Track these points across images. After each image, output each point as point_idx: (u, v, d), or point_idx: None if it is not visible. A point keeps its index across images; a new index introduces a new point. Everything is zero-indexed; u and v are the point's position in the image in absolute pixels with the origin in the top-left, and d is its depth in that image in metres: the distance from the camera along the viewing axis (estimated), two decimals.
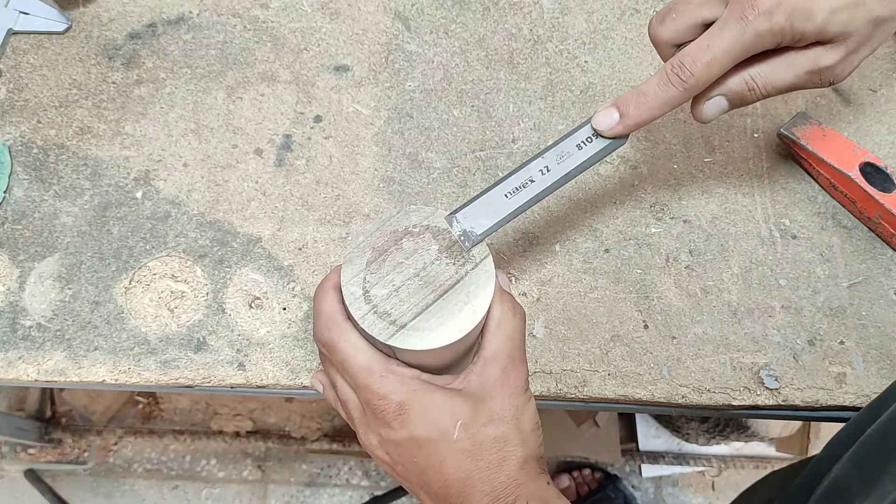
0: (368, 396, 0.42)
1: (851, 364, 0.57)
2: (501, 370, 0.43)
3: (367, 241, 0.42)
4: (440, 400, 0.43)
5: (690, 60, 0.44)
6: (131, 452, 1.43)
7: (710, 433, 1.29)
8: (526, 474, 0.42)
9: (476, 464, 0.42)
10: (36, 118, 0.63)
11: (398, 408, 0.42)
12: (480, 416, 0.43)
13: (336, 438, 1.42)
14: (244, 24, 0.67)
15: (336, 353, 0.43)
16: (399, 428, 0.42)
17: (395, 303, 0.41)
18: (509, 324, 0.44)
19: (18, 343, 0.56)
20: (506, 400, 0.43)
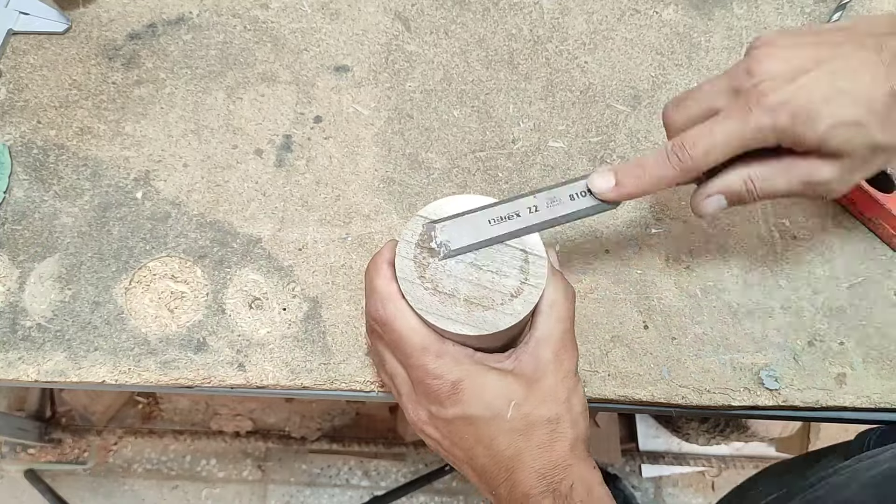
0: (422, 376, 0.44)
1: (851, 365, 0.57)
2: (554, 352, 0.45)
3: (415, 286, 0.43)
4: (494, 381, 0.44)
5: (691, 143, 0.44)
6: (131, 452, 1.43)
7: (710, 433, 1.29)
8: (575, 456, 0.44)
9: (527, 442, 0.43)
10: (36, 118, 0.63)
11: (452, 387, 0.43)
12: (533, 397, 0.44)
13: (336, 438, 1.42)
14: (244, 25, 0.67)
15: (391, 332, 0.44)
16: (451, 406, 0.43)
17: (490, 295, 0.43)
18: (562, 306, 0.45)
19: (18, 343, 0.56)
20: (558, 382, 0.45)
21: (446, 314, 0.42)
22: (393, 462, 1.43)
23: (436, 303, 0.42)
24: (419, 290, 0.43)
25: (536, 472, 0.43)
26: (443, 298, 0.43)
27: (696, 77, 0.66)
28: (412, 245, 0.43)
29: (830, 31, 0.45)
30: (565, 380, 0.45)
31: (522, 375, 0.44)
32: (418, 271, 0.43)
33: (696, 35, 0.67)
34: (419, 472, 1.42)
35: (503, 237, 0.45)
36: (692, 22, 0.68)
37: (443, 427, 0.45)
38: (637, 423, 1.41)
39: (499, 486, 0.44)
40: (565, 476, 0.43)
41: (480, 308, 0.43)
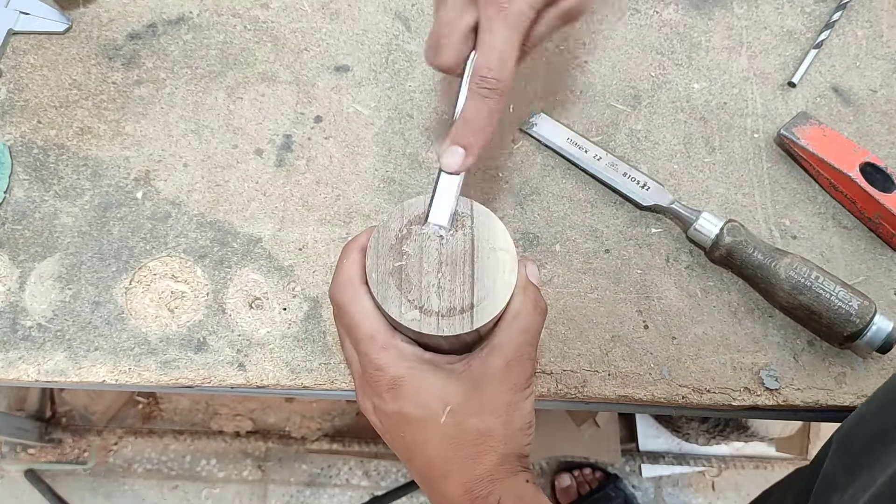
0: (366, 364, 0.43)
1: (851, 364, 0.57)
2: (505, 362, 0.43)
3: (380, 274, 0.43)
4: (434, 382, 0.43)
5: (486, 68, 0.44)
6: (131, 452, 1.43)
7: (710, 433, 1.29)
8: (504, 471, 0.43)
9: (456, 452, 0.43)
10: (36, 118, 0.63)
11: (392, 381, 0.43)
12: (471, 405, 0.43)
13: (336, 438, 1.42)
14: (244, 25, 0.67)
15: (345, 316, 0.44)
16: (390, 401, 0.43)
17: (449, 297, 0.42)
18: (527, 318, 0.44)
19: (19, 343, 0.56)
20: (502, 394, 0.43)
21: (468, 320, 0.42)
22: (393, 462, 1.43)
23: (397, 294, 0.42)
24: (432, 322, 0.42)
25: (462, 484, 0.42)
26: (405, 292, 0.42)
27: (695, 76, 0.66)
28: (394, 298, 0.42)
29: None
30: (510, 392, 0.43)
31: (468, 381, 0.43)
32: (419, 311, 0.42)
33: (696, 35, 0.67)
34: None
35: None
36: (692, 22, 0.68)
37: (384, 420, 0.44)
38: (637, 422, 1.41)
39: (431, 491, 0.44)
40: (492, 490, 0.42)
41: (484, 290, 0.42)
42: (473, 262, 0.43)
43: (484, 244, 0.43)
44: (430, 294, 0.42)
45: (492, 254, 0.43)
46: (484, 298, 0.42)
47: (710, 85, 0.66)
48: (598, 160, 0.61)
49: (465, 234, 0.44)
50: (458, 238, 0.44)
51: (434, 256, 0.43)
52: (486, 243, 0.43)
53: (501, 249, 0.43)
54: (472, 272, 0.43)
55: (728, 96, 0.65)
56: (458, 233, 0.44)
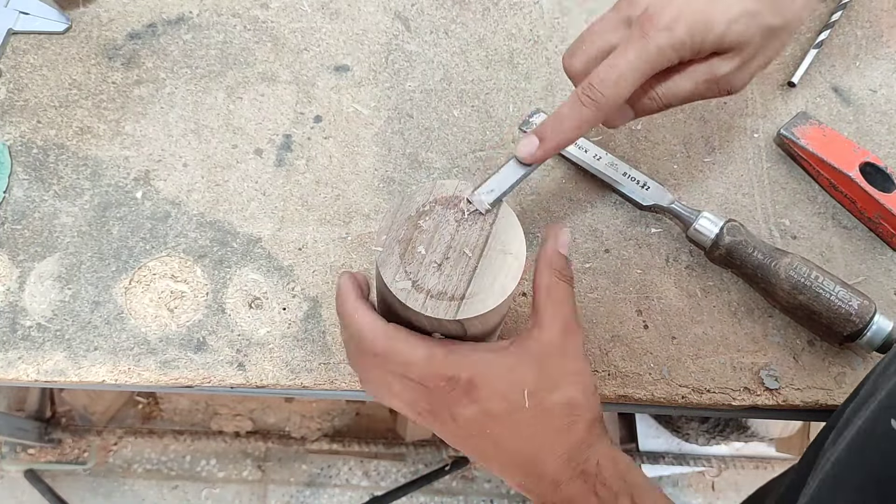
0: (436, 382, 0.43)
1: (851, 364, 0.57)
2: (559, 335, 0.44)
3: (390, 238, 0.43)
4: (504, 370, 0.43)
5: (599, 80, 0.45)
6: (131, 452, 1.43)
7: (710, 433, 1.29)
8: (594, 435, 0.44)
9: (547, 430, 0.43)
10: (36, 118, 0.63)
11: (467, 386, 0.43)
12: (545, 382, 0.43)
13: (336, 438, 1.42)
14: (244, 25, 0.67)
15: (395, 357, 0.43)
16: (470, 404, 0.43)
17: (443, 280, 0.42)
18: (559, 289, 0.45)
19: (18, 343, 0.56)
20: (567, 364, 0.44)
21: (455, 308, 0.42)
22: (393, 462, 1.43)
23: (441, 303, 0.42)
24: (420, 298, 0.42)
25: (560, 457, 0.42)
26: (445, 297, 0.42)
27: None
28: (394, 264, 0.43)
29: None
30: (574, 361, 0.44)
31: (531, 361, 0.44)
32: (411, 283, 0.42)
33: None
34: (419, 472, 1.42)
35: None
36: None
37: (466, 427, 0.44)
38: (637, 423, 1.41)
39: (526, 477, 0.44)
40: (589, 455, 0.42)
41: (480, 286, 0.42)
42: (481, 257, 0.43)
43: (497, 244, 0.44)
44: (428, 272, 0.43)
45: (501, 256, 0.43)
46: (476, 294, 0.42)
47: None
48: (598, 160, 0.61)
49: (482, 229, 0.44)
50: (475, 230, 0.44)
51: (445, 239, 0.43)
52: (500, 244, 0.44)
53: (512, 255, 0.43)
54: (475, 266, 0.43)
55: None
56: (476, 225, 0.44)
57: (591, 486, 0.41)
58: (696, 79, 0.47)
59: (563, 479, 0.42)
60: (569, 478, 0.42)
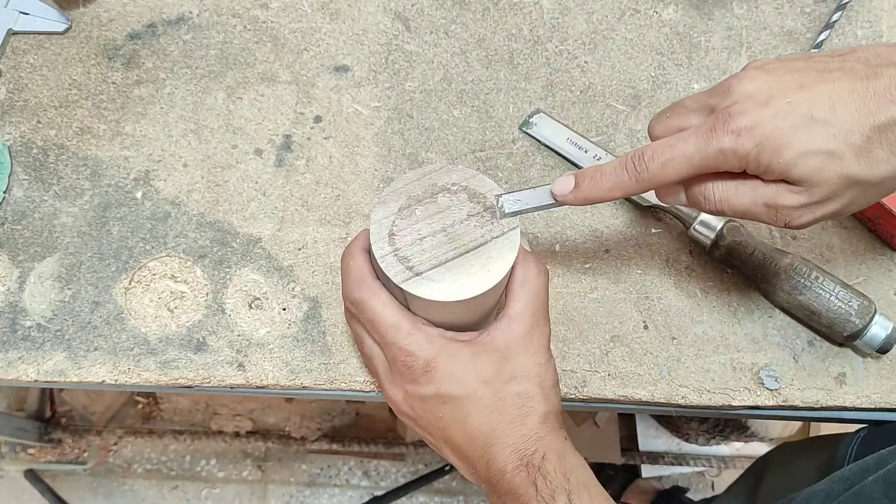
0: (396, 353, 0.44)
1: (851, 364, 0.57)
2: (526, 329, 0.45)
3: (404, 188, 0.44)
4: (466, 357, 0.44)
5: (650, 155, 0.43)
6: (131, 452, 1.43)
7: (709, 433, 1.29)
8: (546, 428, 0.45)
9: (500, 418, 0.44)
10: (36, 118, 0.63)
11: (425, 365, 0.44)
12: (504, 373, 0.45)
13: (336, 438, 1.42)
14: (244, 25, 0.67)
15: (365, 311, 0.45)
16: (426, 384, 0.44)
17: (416, 251, 0.43)
18: (533, 283, 0.46)
19: (18, 343, 0.56)
20: (529, 357, 0.45)
21: (405, 277, 0.43)
22: (393, 462, 1.43)
23: (398, 265, 0.43)
24: (386, 249, 0.43)
25: (510, 447, 0.43)
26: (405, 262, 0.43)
27: (695, 77, 0.66)
28: (389, 209, 0.44)
29: (825, 56, 0.43)
30: (536, 355, 0.46)
31: (494, 351, 0.45)
32: (389, 233, 0.44)
33: (696, 35, 0.67)
34: (419, 472, 1.42)
35: None
36: (692, 22, 0.68)
37: (418, 406, 0.45)
38: (637, 423, 1.41)
39: (475, 463, 0.45)
40: (537, 448, 0.43)
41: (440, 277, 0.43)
42: (461, 256, 0.43)
43: (484, 255, 0.44)
44: (410, 235, 0.44)
45: (478, 267, 0.43)
46: (433, 280, 0.43)
47: (710, 85, 0.66)
48: (598, 160, 0.61)
49: (482, 236, 0.44)
50: (477, 232, 0.44)
51: (447, 221, 0.44)
52: (486, 257, 0.44)
53: (489, 272, 0.43)
54: (450, 259, 0.43)
55: None
56: (481, 228, 0.44)
57: (533, 478, 0.42)
58: (757, 198, 0.43)
59: (509, 469, 0.43)
60: (514, 467, 0.43)
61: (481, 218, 0.44)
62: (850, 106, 0.39)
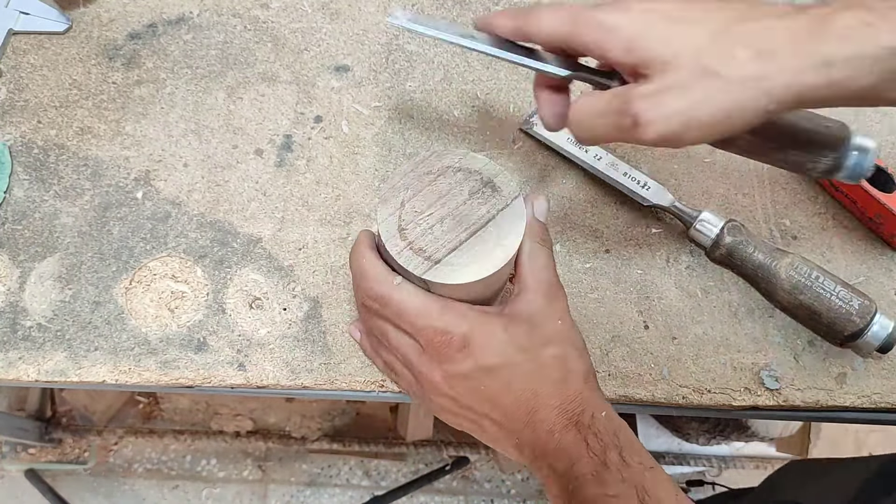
0: (430, 336, 0.44)
1: (851, 364, 0.57)
2: (545, 297, 0.46)
3: (402, 182, 0.45)
4: (499, 328, 0.45)
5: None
6: (131, 452, 1.43)
7: (710, 433, 1.29)
8: (589, 388, 0.45)
9: (542, 381, 0.44)
10: (36, 118, 0.63)
11: (462, 340, 0.44)
12: (537, 340, 0.45)
13: (336, 438, 1.42)
14: (244, 25, 0.67)
15: (391, 304, 0.45)
16: (464, 360, 0.44)
17: (429, 240, 0.44)
18: (541, 254, 0.46)
19: (18, 343, 0.56)
20: (556, 323, 0.46)
21: (426, 267, 0.43)
22: (393, 462, 1.43)
23: (415, 258, 0.43)
24: (399, 245, 0.44)
25: (556, 408, 0.44)
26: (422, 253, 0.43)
27: None
28: (392, 206, 0.44)
29: None
30: (561, 320, 0.46)
31: (523, 322, 0.45)
32: (398, 228, 0.44)
33: None
34: (419, 472, 1.42)
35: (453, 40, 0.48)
36: None
37: (459, 384, 0.45)
38: (637, 422, 1.41)
39: (521, 429, 0.45)
40: (584, 408, 0.44)
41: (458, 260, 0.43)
42: (473, 235, 0.44)
43: (494, 231, 0.44)
44: (419, 226, 0.44)
45: (492, 244, 0.44)
46: (451, 265, 0.43)
47: None
48: (599, 160, 0.61)
49: (488, 211, 0.45)
50: (482, 209, 0.45)
51: (451, 205, 0.45)
52: (497, 232, 0.44)
53: (501, 247, 0.44)
54: (463, 240, 0.44)
55: None
56: (485, 204, 0.45)
57: (584, 436, 0.43)
58: (610, 101, 0.41)
59: (558, 429, 0.43)
60: (563, 426, 0.43)
61: (483, 195, 0.45)
62: (719, 15, 0.39)
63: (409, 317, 0.45)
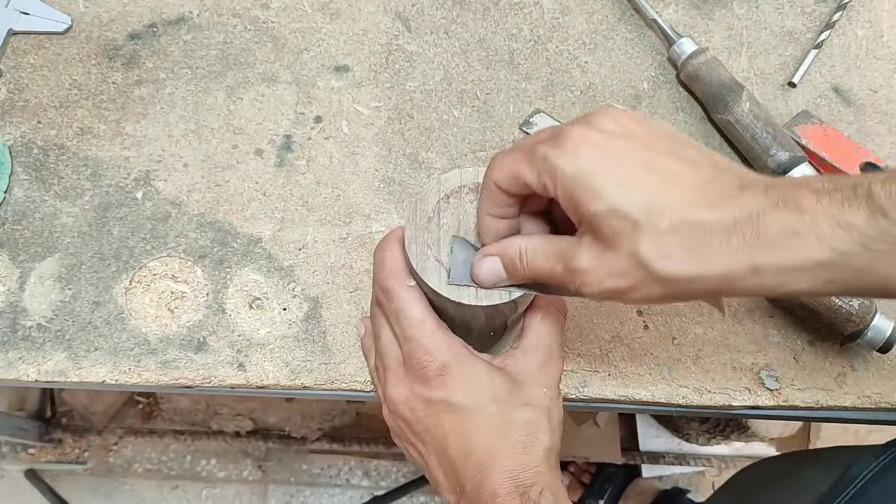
0: (414, 349, 0.43)
1: (851, 364, 0.57)
2: (541, 361, 0.45)
3: (419, 245, 0.43)
4: (482, 372, 0.44)
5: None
6: (131, 452, 1.43)
7: (710, 433, 1.29)
8: (548, 465, 0.43)
9: (504, 441, 0.43)
10: (36, 118, 0.63)
11: (441, 368, 0.43)
12: (516, 398, 0.44)
13: (336, 438, 1.42)
14: (244, 25, 0.67)
15: (394, 300, 0.44)
16: (436, 388, 0.43)
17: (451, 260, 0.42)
18: (553, 319, 0.46)
19: (19, 343, 0.56)
20: (541, 389, 0.45)
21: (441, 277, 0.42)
22: (393, 462, 1.43)
23: (436, 265, 0.42)
24: (424, 248, 0.42)
25: (509, 472, 0.42)
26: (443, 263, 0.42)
27: None
28: (427, 205, 0.43)
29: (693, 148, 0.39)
30: (548, 389, 0.45)
31: (509, 376, 0.44)
32: (430, 232, 0.43)
33: (696, 35, 0.67)
34: (419, 472, 1.42)
35: None
36: (692, 22, 0.68)
37: (421, 409, 0.44)
38: (637, 422, 1.41)
39: (465, 481, 0.43)
40: (536, 481, 0.42)
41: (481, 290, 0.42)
42: None
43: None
44: (442, 243, 0.43)
45: None
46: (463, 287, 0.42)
47: None
48: None
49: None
50: None
51: (472, 228, 0.43)
52: None
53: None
54: None
55: None
56: None
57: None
58: (552, 252, 0.38)
59: (502, 493, 0.41)
60: (507, 492, 0.41)
61: None
62: (679, 190, 0.35)
63: (405, 321, 0.44)
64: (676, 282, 0.35)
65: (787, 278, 0.33)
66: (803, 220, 0.33)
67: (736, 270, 0.34)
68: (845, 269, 0.32)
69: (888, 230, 0.31)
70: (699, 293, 0.35)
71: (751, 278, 0.34)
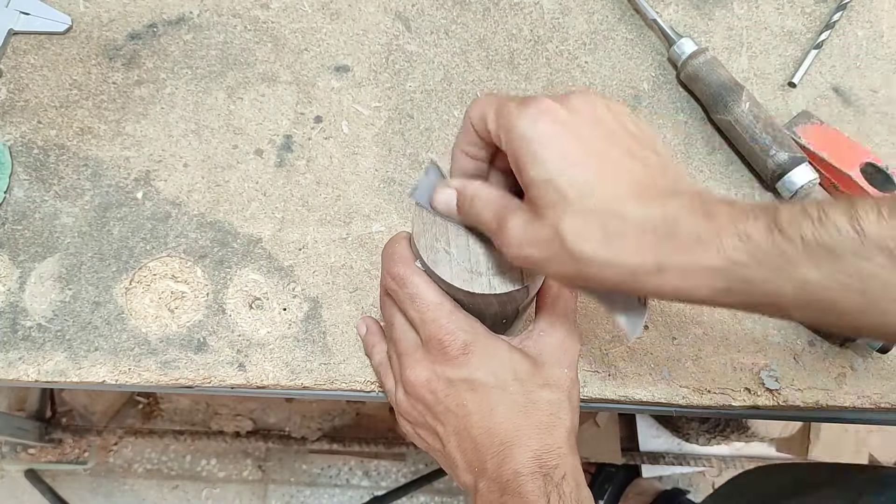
0: (435, 331, 0.43)
1: (851, 364, 0.57)
2: (559, 341, 0.45)
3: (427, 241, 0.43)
4: (503, 351, 0.44)
5: None
6: (131, 452, 1.43)
7: (710, 433, 1.29)
8: (569, 446, 0.44)
9: (527, 420, 0.43)
10: (36, 118, 0.63)
11: (464, 346, 0.43)
12: (538, 378, 0.44)
13: (336, 438, 1.42)
14: (245, 25, 0.67)
15: (408, 286, 0.44)
16: (459, 367, 0.43)
17: (498, 259, 0.42)
18: (566, 299, 0.46)
19: (18, 343, 0.56)
20: (562, 369, 0.45)
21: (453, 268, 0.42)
22: (393, 462, 1.43)
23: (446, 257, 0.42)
24: (432, 241, 0.43)
25: (533, 451, 0.42)
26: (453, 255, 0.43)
27: None
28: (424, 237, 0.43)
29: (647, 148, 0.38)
30: (568, 369, 0.45)
31: (529, 355, 0.45)
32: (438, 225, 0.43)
33: (696, 35, 0.67)
34: (419, 472, 1.42)
35: None
36: (692, 22, 0.68)
37: (442, 389, 0.44)
38: (637, 422, 1.41)
39: (487, 459, 0.43)
40: (559, 463, 0.42)
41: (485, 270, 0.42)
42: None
43: None
44: (479, 256, 0.43)
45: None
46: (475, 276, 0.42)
47: None
48: None
49: None
50: None
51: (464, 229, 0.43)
52: None
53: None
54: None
55: None
56: None
57: (548, 491, 0.41)
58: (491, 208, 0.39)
59: (525, 472, 0.41)
60: (531, 472, 0.41)
61: None
62: (617, 180, 0.36)
63: (422, 304, 0.43)
64: (588, 263, 0.35)
65: (688, 283, 0.34)
66: (709, 228, 0.34)
67: (642, 265, 0.35)
68: (740, 280, 0.33)
69: (780, 245, 0.32)
70: (609, 282, 0.36)
71: (655, 276, 0.35)
